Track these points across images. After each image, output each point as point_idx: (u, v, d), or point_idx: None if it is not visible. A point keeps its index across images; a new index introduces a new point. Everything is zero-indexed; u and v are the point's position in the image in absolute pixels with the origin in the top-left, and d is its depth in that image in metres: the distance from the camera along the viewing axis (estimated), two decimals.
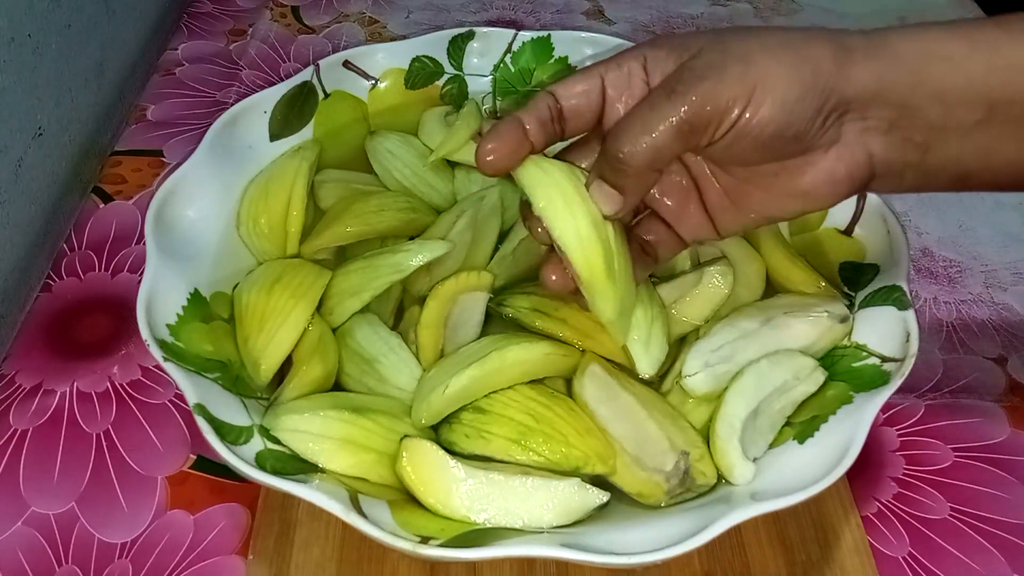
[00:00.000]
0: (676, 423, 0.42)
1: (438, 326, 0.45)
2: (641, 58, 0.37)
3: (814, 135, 0.34)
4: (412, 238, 0.50)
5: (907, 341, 0.42)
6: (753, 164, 0.36)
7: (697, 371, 0.43)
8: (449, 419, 0.42)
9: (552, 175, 0.37)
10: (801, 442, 0.40)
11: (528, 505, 0.38)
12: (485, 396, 0.42)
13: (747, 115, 0.33)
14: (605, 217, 0.37)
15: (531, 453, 0.40)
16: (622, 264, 0.38)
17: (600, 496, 0.39)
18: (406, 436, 0.40)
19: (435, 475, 0.39)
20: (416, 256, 0.46)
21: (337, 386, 0.45)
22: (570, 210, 0.37)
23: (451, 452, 0.40)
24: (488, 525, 0.38)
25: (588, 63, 0.45)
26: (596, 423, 0.42)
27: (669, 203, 0.40)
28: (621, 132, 0.35)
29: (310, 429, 0.40)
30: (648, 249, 0.41)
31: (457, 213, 0.51)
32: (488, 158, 0.37)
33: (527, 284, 0.48)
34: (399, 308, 0.48)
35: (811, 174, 0.35)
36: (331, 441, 0.40)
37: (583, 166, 0.40)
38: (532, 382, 0.43)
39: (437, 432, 0.42)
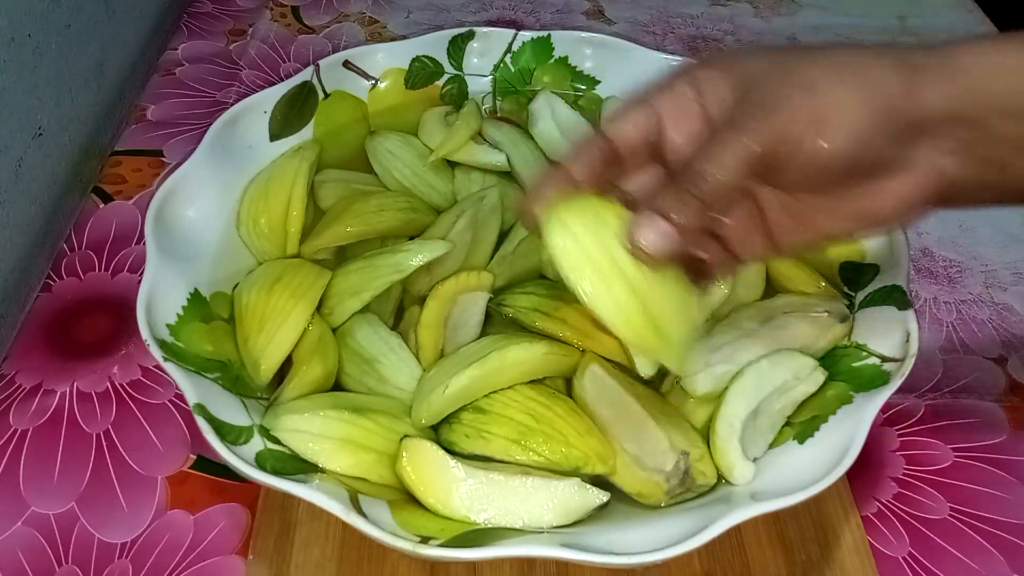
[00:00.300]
0: (676, 423, 0.42)
1: (438, 326, 0.45)
2: (693, 81, 0.36)
3: (887, 161, 0.33)
4: (412, 238, 0.50)
5: (907, 341, 0.42)
6: (823, 191, 0.35)
7: (697, 371, 0.43)
8: (449, 419, 0.42)
9: (580, 241, 0.34)
10: (801, 442, 0.40)
11: (528, 505, 0.38)
12: (485, 396, 0.42)
13: (820, 146, 0.32)
14: (649, 257, 0.33)
15: (531, 453, 0.40)
16: (674, 305, 0.35)
17: (600, 496, 0.39)
18: (406, 436, 0.40)
19: (435, 475, 0.39)
20: (416, 256, 0.46)
21: (337, 386, 0.45)
22: (606, 284, 0.33)
23: (451, 452, 0.40)
24: (488, 525, 0.38)
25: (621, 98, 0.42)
26: (596, 423, 0.42)
27: (730, 224, 0.38)
28: (690, 172, 0.33)
29: (310, 429, 0.40)
30: (702, 268, 0.39)
31: (457, 213, 0.51)
32: (529, 217, 0.35)
33: (527, 284, 0.48)
34: (399, 308, 0.48)
35: (882, 198, 0.34)
36: (331, 441, 0.40)
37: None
38: (532, 382, 0.43)
39: (437, 432, 0.42)
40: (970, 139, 0.32)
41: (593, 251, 0.34)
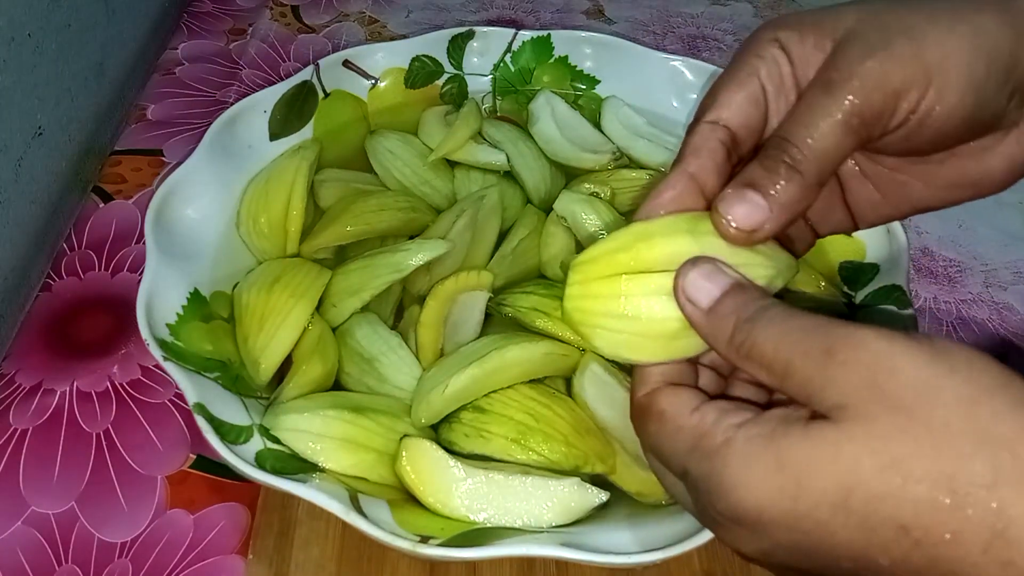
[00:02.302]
0: None
1: (438, 325, 0.45)
2: (776, 44, 0.31)
3: (1000, 118, 0.30)
4: (412, 238, 0.50)
5: None
6: (927, 154, 0.32)
7: None
8: (449, 418, 0.42)
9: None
10: None
11: (528, 504, 0.38)
12: (485, 396, 0.42)
13: (929, 102, 0.28)
14: (740, 235, 0.29)
15: (531, 452, 0.40)
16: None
17: (599, 495, 0.39)
18: (406, 435, 0.40)
19: (435, 474, 0.39)
20: (415, 255, 0.46)
21: (337, 385, 0.45)
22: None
23: (451, 451, 0.40)
24: (488, 524, 0.38)
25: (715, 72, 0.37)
26: (596, 423, 0.42)
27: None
28: (781, 140, 0.30)
29: (310, 429, 0.40)
30: (784, 244, 0.35)
31: (457, 212, 0.51)
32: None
33: (527, 284, 0.48)
34: (399, 308, 0.48)
35: (987, 160, 0.31)
36: (331, 441, 0.40)
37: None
38: (532, 381, 0.43)
39: (437, 431, 0.42)
40: None
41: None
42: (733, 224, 0.29)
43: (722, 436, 0.26)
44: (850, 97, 0.29)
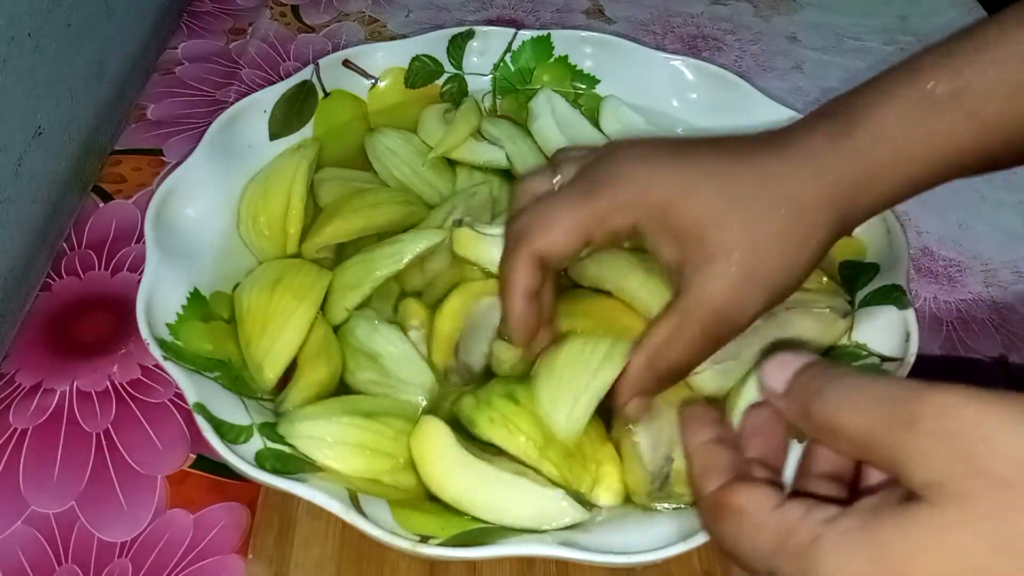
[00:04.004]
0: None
1: (457, 318, 0.45)
2: (630, 216, 0.37)
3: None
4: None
5: (907, 340, 0.42)
6: None
7: (703, 368, 0.43)
8: (479, 399, 0.41)
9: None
10: (801, 441, 0.40)
11: (518, 504, 0.38)
12: (523, 388, 0.41)
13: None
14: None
15: (546, 462, 0.40)
16: None
17: (586, 513, 0.38)
18: (424, 414, 0.41)
19: (441, 452, 0.39)
20: (412, 245, 0.46)
21: (342, 384, 0.45)
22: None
23: (468, 431, 0.40)
24: (477, 514, 0.38)
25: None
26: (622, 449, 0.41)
27: None
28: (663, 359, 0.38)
29: (325, 436, 0.40)
30: None
31: (449, 208, 0.51)
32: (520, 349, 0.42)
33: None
34: (397, 307, 0.48)
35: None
36: (346, 446, 0.40)
37: None
38: None
39: (461, 406, 0.42)
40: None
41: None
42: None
43: (812, 533, 0.24)
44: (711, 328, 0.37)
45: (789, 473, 0.31)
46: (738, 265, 0.35)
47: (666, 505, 0.40)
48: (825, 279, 0.48)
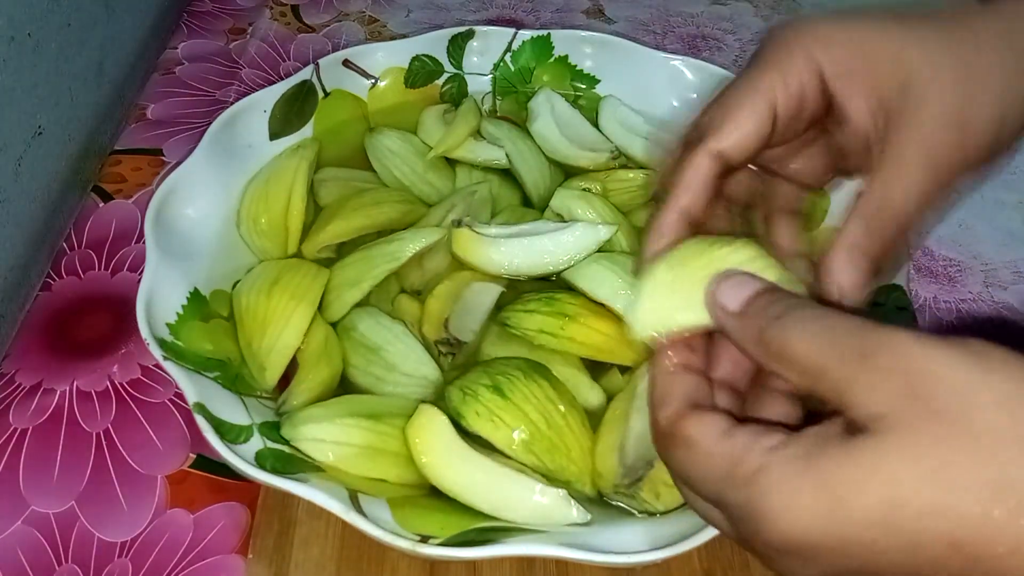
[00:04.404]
0: None
1: (447, 300, 0.46)
2: (811, 65, 0.32)
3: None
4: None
5: None
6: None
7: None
8: (465, 391, 0.42)
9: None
10: None
11: (515, 502, 0.38)
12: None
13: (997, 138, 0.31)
14: (849, 298, 0.31)
15: (532, 456, 0.40)
16: None
17: (584, 515, 0.38)
18: (423, 402, 0.41)
19: (440, 445, 0.39)
20: (411, 243, 0.47)
21: (343, 379, 0.45)
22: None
23: (456, 424, 0.40)
24: (478, 507, 0.38)
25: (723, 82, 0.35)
26: (615, 425, 0.41)
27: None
28: (889, 207, 0.31)
29: (328, 437, 0.40)
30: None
31: (448, 206, 0.51)
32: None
33: (529, 298, 0.46)
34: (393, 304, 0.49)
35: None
36: (350, 448, 0.40)
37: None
38: (556, 384, 0.43)
39: (449, 398, 0.42)
40: None
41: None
42: (839, 290, 0.30)
43: (757, 462, 0.25)
44: (947, 172, 0.31)
45: None
46: (953, 109, 0.31)
47: (624, 504, 0.40)
48: None
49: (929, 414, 0.23)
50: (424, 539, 0.35)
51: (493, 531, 0.37)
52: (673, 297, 0.31)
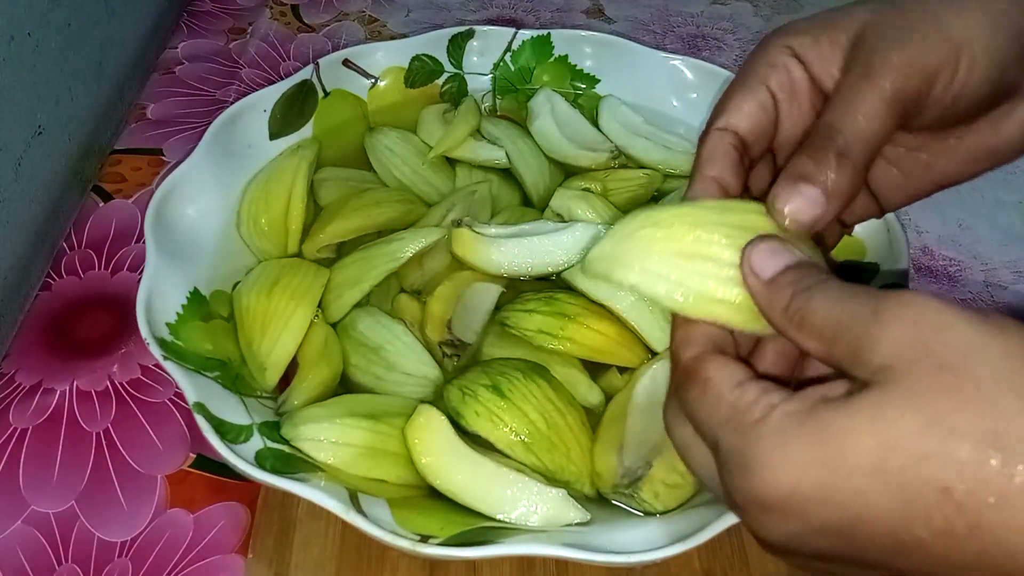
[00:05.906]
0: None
1: (449, 301, 0.46)
2: (787, 50, 0.32)
3: (1016, 87, 0.31)
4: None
5: None
6: (953, 128, 0.33)
7: None
8: (464, 390, 0.42)
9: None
10: None
11: (515, 502, 0.38)
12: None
13: (961, 80, 0.30)
14: (803, 228, 0.30)
15: (532, 456, 0.40)
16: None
17: (583, 515, 0.38)
18: (422, 403, 0.41)
19: (439, 446, 0.39)
20: (411, 243, 0.47)
21: (344, 378, 0.45)
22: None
23: (454, 423, 0.40)
24: (477, 507, 0.38)
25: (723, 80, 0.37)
26: (614, 427, 0.41)
27: None
28: (826, 128, 0.30)
29: (328, 438, 0.40)
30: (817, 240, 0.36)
31: (448, 206, 0.51)
32: None
33: (528, 297, 0.46)
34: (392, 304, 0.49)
35: (1003, 129, 0.33)
36: (350, 448, 0.40)
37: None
38: (555, 384, 0.43)
39: (448, 398, 0.42)
40: None
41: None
42: (789, 218, 0.30)
43: (758, 413, 0.25)
44: (891, 81, 0.30)
45: None
46: (901, 45, 0.30)
47: (623, 504, 0.40)
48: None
49: (935, 365, 0.23)
50: (424, 539, 0.36)
51: (493, 531, 0.37)
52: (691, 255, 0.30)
